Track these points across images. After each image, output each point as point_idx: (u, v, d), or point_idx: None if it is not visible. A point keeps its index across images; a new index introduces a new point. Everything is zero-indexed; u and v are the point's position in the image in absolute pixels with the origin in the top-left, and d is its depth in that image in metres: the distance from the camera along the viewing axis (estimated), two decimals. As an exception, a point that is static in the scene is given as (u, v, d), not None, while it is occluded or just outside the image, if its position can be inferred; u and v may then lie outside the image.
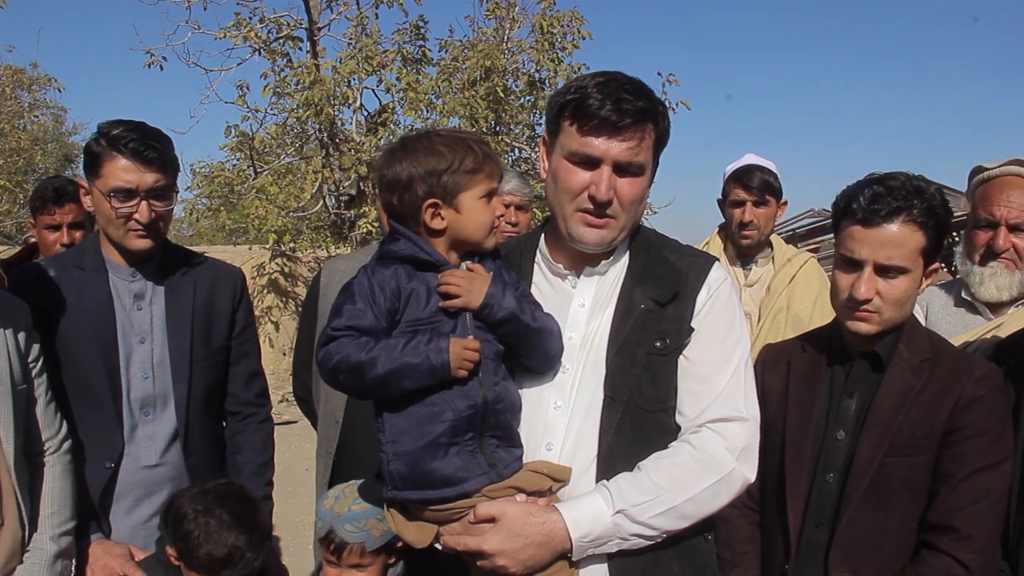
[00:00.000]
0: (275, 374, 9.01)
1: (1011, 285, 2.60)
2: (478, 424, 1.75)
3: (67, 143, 20.67)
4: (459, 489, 1.74)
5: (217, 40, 10.50)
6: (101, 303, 2.40)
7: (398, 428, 1.74)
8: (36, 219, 3.74)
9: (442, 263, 1.78)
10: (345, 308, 1.74)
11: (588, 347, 1.88)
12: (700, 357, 1.87)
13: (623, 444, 1.82)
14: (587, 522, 1.74)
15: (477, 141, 1.82)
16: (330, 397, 2.85)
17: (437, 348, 1.69)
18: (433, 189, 1.76)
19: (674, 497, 1.77)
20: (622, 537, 1.76)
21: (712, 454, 1.81)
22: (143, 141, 2.33)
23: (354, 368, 1.70)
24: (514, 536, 1.72)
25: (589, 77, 1.85)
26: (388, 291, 1.73)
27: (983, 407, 1.96)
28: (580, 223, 1.85)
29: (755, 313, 3.45)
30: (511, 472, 1.78)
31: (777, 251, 3.57)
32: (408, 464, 1.74)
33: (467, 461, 1.74)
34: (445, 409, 1.72)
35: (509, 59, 10.84)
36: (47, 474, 2.17)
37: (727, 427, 1.83)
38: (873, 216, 1.98)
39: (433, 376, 1.70)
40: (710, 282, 1.91)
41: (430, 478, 1.73)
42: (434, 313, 1.75)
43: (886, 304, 2.01)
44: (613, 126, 1.77)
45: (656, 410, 1.85)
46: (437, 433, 1.72)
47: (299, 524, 5.65)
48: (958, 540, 1.91)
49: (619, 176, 1.82)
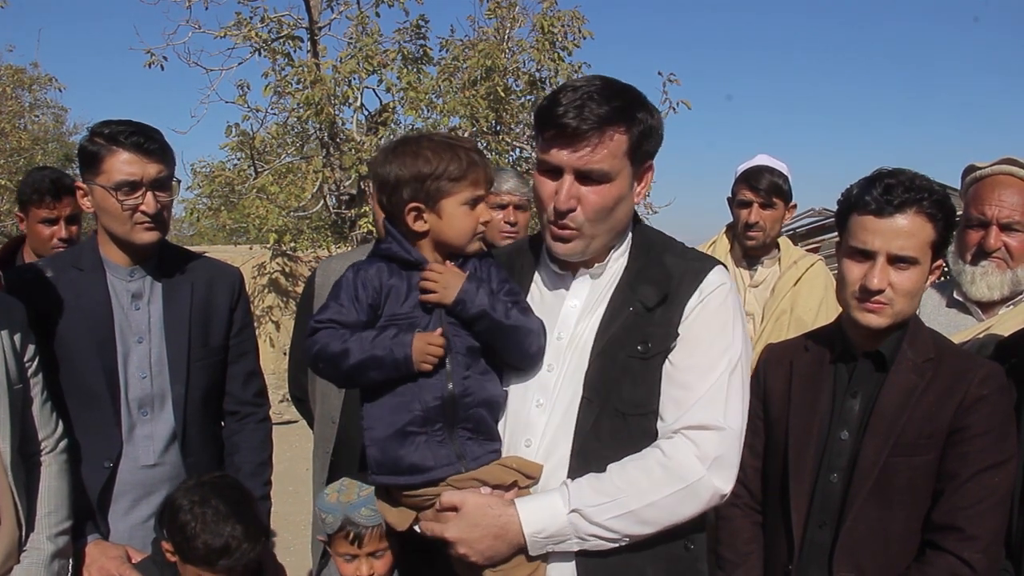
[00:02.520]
0: (275, 374, 9.00)
1: (1002, 284, 2.59)
2: (447, 416, 1.81)
3: (67, 143, 20.64)
4: (424, 477, 1.82)
5: (218, 40, 10.53)
6: (99, 303, 2.40)
7: (373, 416, 1.85)
8: (28, 212, 3.53)
9: (422, 263, 1.85)
10: (330, 303, 1.86)
11: (574, 347, 1.88)
12: (684, 362, 1.84)
13: (598, 445, 1.81)
14: (542, 518, 1.76)
15: (467, 148, 1.86)
16: (327, 397, 2.84)
17: (401, 342, 1.78)
18: (416, 193, 1.83)
19: (632, 501, 1.75)
20: (580, 537, 1.77)
21: (680, 461, 1.78)
22: (142, 134, 2.35)
23: (330, 357, 1.82)
24: (472, 526, 1.76)
25: (570, 82, 1.88)
26: (370, 288, 1.83)
27: (987, 407, 1.95)
28: (550, 236, 1.87)
29: (758, 314, 3.44)
30: (479, 464, 1.83)
31: (784, 253, 3.55)
32: (380, 450, 1.84)
33: (435, 451, 1.81)
34: (413, 400, 1.81)
35: (510, 59, 10.83)
36: (43, 474, 2.17)
37: (701, 435, 1.79)
38: (887, 206, 1.98)
39: (396, 369, 1.79)
40: (703, 287, 1.87)
41: (399, 464, 1.82)
42: (411, 309, 1.83)
43: (897, 295, 2.00)
44: (572, 134, 1.76)
45: (636, 414, 1.83)
46: (405, 422, 1.81)
47: (299, 524, 5.64)
48: (963, 540, 1.90)
49: (583, 184, 1.81)
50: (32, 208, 3.50)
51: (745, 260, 3.56)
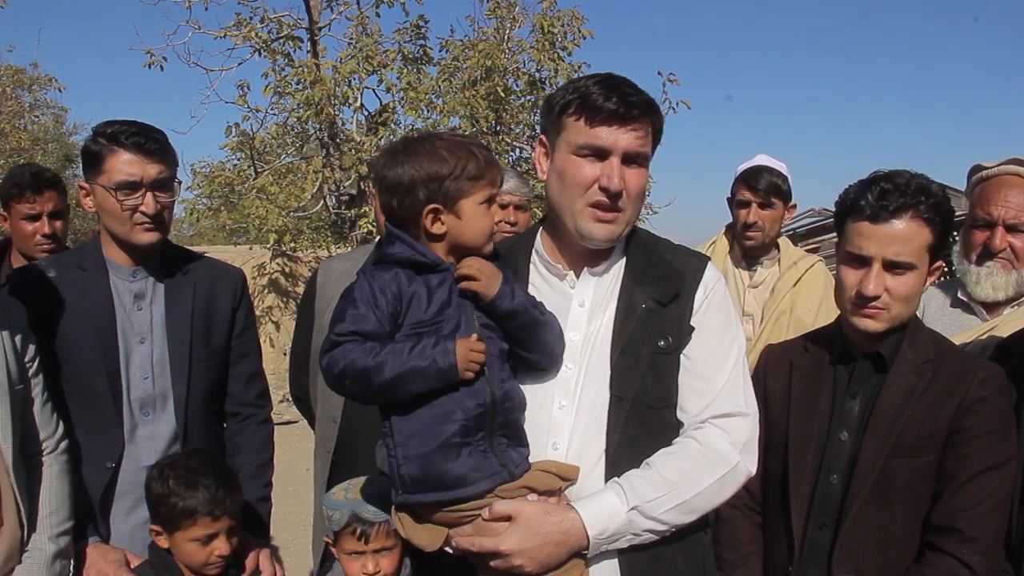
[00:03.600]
0: (276, 374, 9.00)
1: (1007, 285, 2.59)
2: (488, 423, 1.75)
3: (67, 143, 20.64)
4: (473, 489, 1.74)
5: (217, 40, 10.54)
6: (101, 303, 2.40)
7: (407, 431, 1.74)
8: (10, 209, 3.42)
9: (440, 264, 1.79)
10: (348, 313, 1.74)
11: (591, 347, 1.89)
12: (700, 355, 1.90)
13: (629, 442, 1.84)
14: (603, 519, 1.77)
15: (479, 146, 1.83)
16: (328, 397, 2.84)
17: (444, 350, 1.70)
18: (435, 194, 1.76)
19: (685, 492, 1.81)
20: (634, 533, 1.79)
21: (717, 449, 1.85)
22: (144, 134, 2.35)
23: (360, 373, 1.69)
24: (532, 535, 1.73)
25: (587, 78, 1.90)
26: (389, 295, 1.73)
27: (987, 408, 1.95)
28: (590, 219, 1.86)
29: (758, 315, 3.43)
30: (521, 472, 1.79)
31: (784, 253, 3.55)
32: (421, 466, 1.73)
33: (479, 461, 1.74)
34: (455, 409, 1.72)
35: (510, 59, 10.82)
36: (45, 474, 2.17)
37: (729, 422, 1.88)
38: (882, 212, 1.98)
39: (441, 379, 1.70)
40: (706, 282, 1.94)
41: (443, 479, 1.73)
42: (436, 314, 1.75)
43: (894, 301, 2.00)
44: (622, 117, 1.82)
45: (660, 407, 1.88)
46: (449, 434, 1.72)
47: (299, 524, 5.64)
48: (963, 541, 1.90)
49: (627, 167, 1.85)
50: (14, 204, 3.40)
51: (744, 260, 3.56)
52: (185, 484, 2.18)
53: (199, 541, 2.19)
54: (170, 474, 2.21)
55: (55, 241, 3.46)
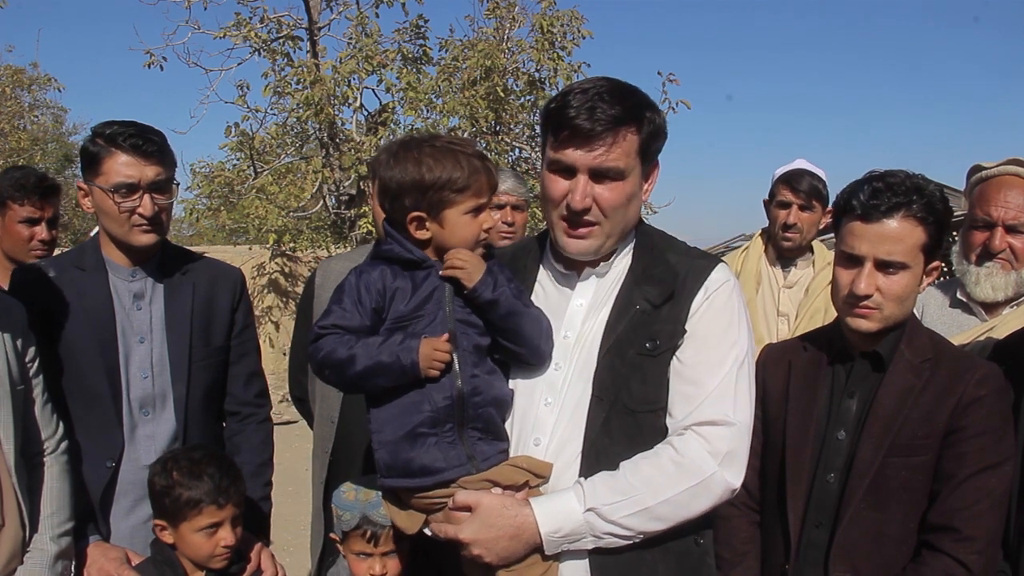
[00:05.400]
0: (275, 374, 8.99)
1: (1006, 285, 2.60)
2: (456, 416, 1.80)
3: (67, 143, 20.66)
4: (436, 478, 1.80)
5: (217, 40, 10.55)
6: (101, 303, 2.40)
7: (382, 419, 1.83)
8: (5, 210, 3.27)
9: (425, 261, 1.84)
10: (333, 307, 1.84)
11: (582, 345, 1.90)
12: (692, 359, 1.86)
13: (608, 443, 1.83)
14: (558, 518, 1.77)
15: (470, 154, 1.84)
16: (326, 397, 2.84)
17: (407, 348, 1.77)
18: (418, 203, 1.82)
19: (647, 498, 1.77)
20: (595, 535, 1.78)
21: (692, 458, 1.80)
22: (141, 136, 2.35)
23: (336, 364, 1.80)
24: (488, 527, 1.76)
25: (576, 84, 1.89)
26: (374, 292, 1.81)
27: (984, 408, 1.95)
28: (563, 233, 1.88)
29: (792, 314, 3.47)
30: (490, 465, 1.82)
31: (818, 255, 3.59)
32: (390, 453, 1.82)
33: (445, 452, 1.80)
34: (423, 401, 1.80)
35: (509, 59, 10.84)
36: (46, 474, 2.17)
37: (711, 431, 1.82)
38: (873, 211, 1.98)
39: (404, 375, 1.78)
40: (708, 284, 1.90)
41: (409, 467, 1.81)
42: (415, 309, 1.82)
43: (886, 300, 2.01)
44: (586, 134, 1.79)
45: (645, 411, 1.86)
46: (415, 424, 1.79)
47: (299, 524, 5.64)
48: (959, 541, 1.90)
49: (597, 183, 1.84)
50: (13, 206, 3.27)
51: (779, 261, 3.60)
52: (189, 474, 2.20)
53: (205, 531, 2.20)
54: (173, 466, 2.23)
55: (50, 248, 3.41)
